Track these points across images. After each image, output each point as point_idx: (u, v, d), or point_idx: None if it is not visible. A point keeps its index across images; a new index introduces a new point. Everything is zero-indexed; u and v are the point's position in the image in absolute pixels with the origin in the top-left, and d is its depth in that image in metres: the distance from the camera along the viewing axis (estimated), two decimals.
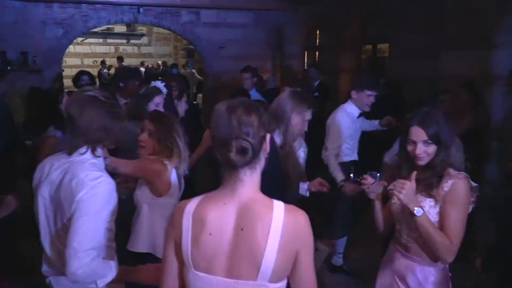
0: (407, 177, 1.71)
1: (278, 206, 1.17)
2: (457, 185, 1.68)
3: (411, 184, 1.66)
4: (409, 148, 1.74)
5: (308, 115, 2.40)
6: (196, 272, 1.16)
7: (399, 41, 5.08)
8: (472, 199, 1.71)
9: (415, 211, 1.63)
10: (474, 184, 1.72)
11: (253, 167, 1.18)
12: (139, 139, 2.15)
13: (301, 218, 1.18)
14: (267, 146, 1.21)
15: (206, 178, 2.85)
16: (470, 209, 1.71)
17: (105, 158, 1.66)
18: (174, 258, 1.23)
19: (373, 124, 3.60)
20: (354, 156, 3.38)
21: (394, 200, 1.83)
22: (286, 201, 1.21)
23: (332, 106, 3.64)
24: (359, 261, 3.65)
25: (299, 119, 2.35)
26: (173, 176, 2.08)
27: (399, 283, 1.86)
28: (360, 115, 3.40)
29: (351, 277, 3.51)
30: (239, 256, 1.13)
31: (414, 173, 1.69)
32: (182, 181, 2.19)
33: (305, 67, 7.65)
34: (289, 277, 1.21)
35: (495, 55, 3.61)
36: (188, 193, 1.68)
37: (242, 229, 1.14)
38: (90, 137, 1.55)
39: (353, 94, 3.35)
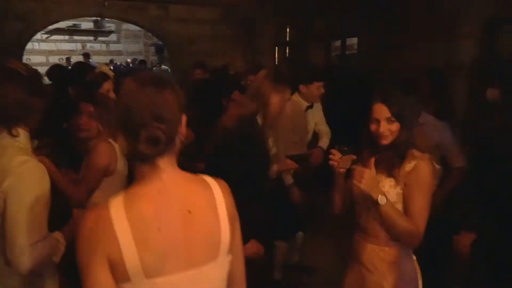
0: (366, 164, 1.66)
1: (209, 179, 1.13)
2: (420, 167, 1.64)
3: (370, 172, 1.61)
4: (373, 127, 1.69)
5: (287, 94, 2.33)
6: (150, 280, 0.98)
7: (366, 35, 5.12)
8: (435, 182, 1.69)
9: (378, 200, 1.59)
10: (438, 166, 1.70)
11: (169, 152, 1.04)
12: (80, 122, 2.12)
13: (227, 185, 1.16)
14: (183, 129, 1.06)
15: None
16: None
17: (32, 140, 1.49)
18: (107, 278, 0.97)
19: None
20: (304, 150, 3.24)
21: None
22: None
23: None
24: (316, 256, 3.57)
25: (279, 98, 2.27)
26: (119, 153, 2.12)
27: (368, 271, 1.78)
28: (308, 108, 3.29)
29: (317, 275, 3.35)
30: (196, 240, 1.04)
31: (372, 160, 1.64)
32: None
33: (276, 63, 7.63)
34: None
35: (460, 46, 3.69)
36: None
37: (190, 212, 1.05)
38: (7, 115, 1.39)
39: (302, 88, 3.23)
